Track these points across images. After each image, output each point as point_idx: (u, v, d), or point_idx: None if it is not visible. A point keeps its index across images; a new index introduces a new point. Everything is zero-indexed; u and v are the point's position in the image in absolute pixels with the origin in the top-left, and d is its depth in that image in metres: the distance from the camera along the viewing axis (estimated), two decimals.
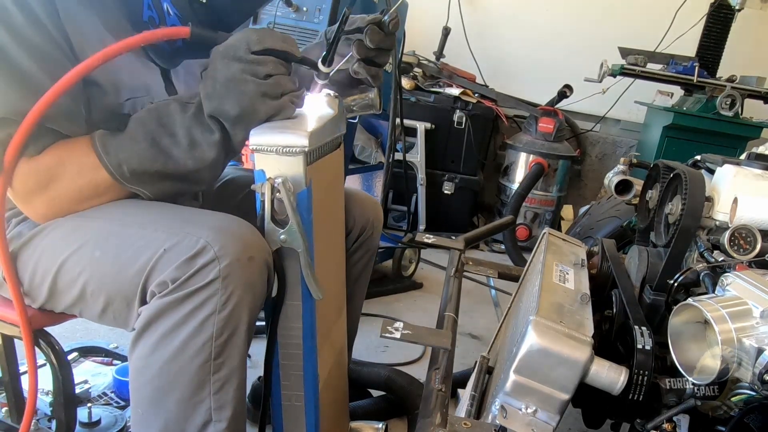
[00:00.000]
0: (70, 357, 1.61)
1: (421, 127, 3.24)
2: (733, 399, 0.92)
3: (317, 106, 0.97)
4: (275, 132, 0.85)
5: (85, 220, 0.90)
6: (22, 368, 1.08)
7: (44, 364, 1.19)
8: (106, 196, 0.92)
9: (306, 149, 0.84)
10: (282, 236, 0.86)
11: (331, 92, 1.00)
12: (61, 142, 0.88)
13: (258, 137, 0.85)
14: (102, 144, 0.88)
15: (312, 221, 0.90)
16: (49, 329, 1.00)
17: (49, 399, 1.38)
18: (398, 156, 2.23)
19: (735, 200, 1.15)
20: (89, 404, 1.41)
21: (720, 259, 1.09)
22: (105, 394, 1.53)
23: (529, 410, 0.92)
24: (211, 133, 0.88)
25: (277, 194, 0.84)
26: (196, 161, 0.89)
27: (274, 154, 0.84)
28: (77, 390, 1.46)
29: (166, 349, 0.82)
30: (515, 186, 3.36)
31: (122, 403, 1.51)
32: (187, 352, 0.82)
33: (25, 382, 1.03)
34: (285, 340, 0.96)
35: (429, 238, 1.53)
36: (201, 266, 0.80)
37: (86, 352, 1.69)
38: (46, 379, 1.36)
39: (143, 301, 0.85)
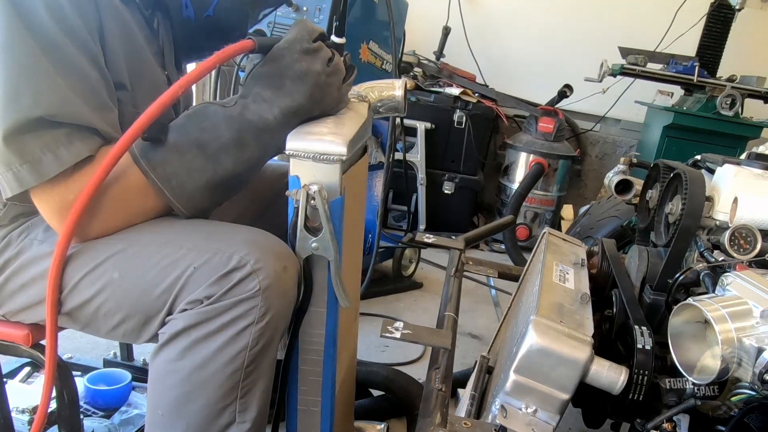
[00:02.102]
0: (21, 373, 1.57)
1: (421, 126, 3.23)
2: (733, 399, 0.92)
3: (348, 109, 0.96)
4: (313, 138, 0.83)
5: (97, 241, 0.87)
6: None
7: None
8: (152, 214, 0.89)
9: (343, 158, 0.82)
10: (314, 244, 0.85)
11: (360, 93, 0.99)
12: (97, 156, 0.83)
13: (295, 142, 0.83)
14: (146, 159, 0.84)
15: (343, 229, 0.88)
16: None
17: (26, 417, 1.35)
18: (398, 156, 2.22)
19: (735, 200, 1.15)
20: None
21: (720, 259, 1.09)
22: (80, 405, 1.48)
23: (529, 410, 0.92)
24: (261, 131, 0.86)
25: (312, 201, 0.82)
26: (244, 163, 0.88)
27: (310, 161, 0.82)
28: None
29: (197, 356, 0.81)
30: (515, 186, 3.36)
31: (101, 413, 1.47)
32: (219, 359, 0.81)
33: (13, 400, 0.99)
34: (306, 346, 0.95)
35: (429, 238, 1.53)
36: (239, 280, 0.80)
37: (36, 366, 1.58)
38: (18, 396, 1.35)
39: (168, 316, 0.84)
